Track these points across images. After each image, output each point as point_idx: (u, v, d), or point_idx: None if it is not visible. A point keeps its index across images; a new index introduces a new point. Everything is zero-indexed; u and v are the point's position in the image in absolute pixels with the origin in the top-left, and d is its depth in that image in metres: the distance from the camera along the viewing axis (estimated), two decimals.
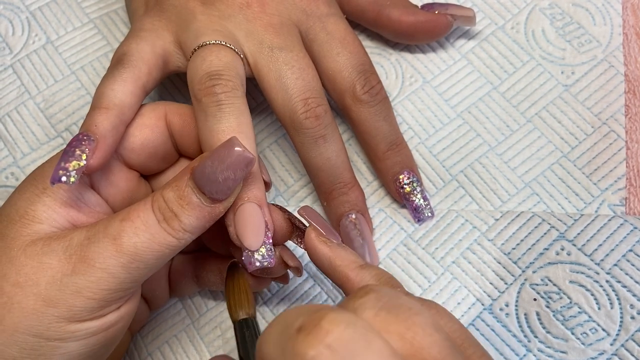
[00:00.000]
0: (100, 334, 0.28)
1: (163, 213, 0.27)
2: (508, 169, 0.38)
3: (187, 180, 0.28)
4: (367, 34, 0.42)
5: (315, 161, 0.34)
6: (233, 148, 0.27)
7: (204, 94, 0.30)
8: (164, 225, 0.27)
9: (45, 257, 0.27)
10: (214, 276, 0.34)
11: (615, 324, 0.33)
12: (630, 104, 0.38)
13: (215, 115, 0.30)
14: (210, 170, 0.27)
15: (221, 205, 0.28)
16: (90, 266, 0.26)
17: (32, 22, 0.44)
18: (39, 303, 0.26)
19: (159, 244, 0.27)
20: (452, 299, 0.35)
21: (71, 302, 0.26)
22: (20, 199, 0.29)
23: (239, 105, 0.30)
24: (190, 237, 0.28)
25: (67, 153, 0.28)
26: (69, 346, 0.27)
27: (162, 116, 0.32)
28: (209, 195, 0.27)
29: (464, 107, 0.39)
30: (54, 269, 0.27)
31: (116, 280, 0.27)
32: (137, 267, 0.27)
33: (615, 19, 0.40)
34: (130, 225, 0.27)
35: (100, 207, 0.30)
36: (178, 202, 0.27)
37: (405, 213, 0.37)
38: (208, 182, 0.27)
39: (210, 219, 0.28)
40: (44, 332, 0.26)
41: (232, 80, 0.31)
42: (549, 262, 0.35)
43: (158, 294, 0.35)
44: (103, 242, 0.27)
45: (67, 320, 0.26)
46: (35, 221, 0.28)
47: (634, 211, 0.36)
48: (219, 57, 0.32)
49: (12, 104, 0.42)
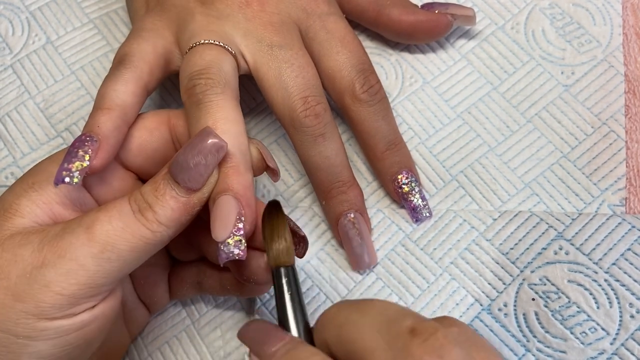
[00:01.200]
0: (72, 335, 0.27)
1: (138, 204, 0.27)
2: (508, 169, 0.38)
3: (164, 174, 0.28)
4: (367, 34, 0.42)
5: (314, 160, 0.34)
6: (205, 135, 0.28)
7: (186, 96, 0.31)
8: (138, 216, 0.27)
9: (20, 250, 0.27)
10: (215, 283, 0.34)
11: (614, 323, 0.33)
12: (630, 104, 0.38)
13: (195, 114, 0.30)
14: (182, 158, 0.27)
15: (195, 196, 0.28)
16: (60, 257, 0.26)
17: (32, 22, 0.44)
18: (8, 297, 0.26)
19: (132, 235, 0.27)
20: (450, 300, 0.35)
21: (39, 298, 0.26)
22: (10, 193, 0.29)
23: (218, 101, 0.30)
24: (166, 230, 0.28)
25: (70, 154, 0.28)
26: (38, 345, 0.26)
27: (164, 121, 0.32)
28: (182, 184, 0.27)
29: (464, 107, 0.39)
30: (25, 262, 0.26)
31: (86, 273, 0.26)
32: (109, 258, 0.27)
33: (615, 19, 0.40)
34: (105, 214, 0.27)
35: (87, 206, 0.30)
36: (153, 193, 0.28)
37: (404, 213, 0.37)
38: (181, 170, 0.27)
39: (185, 211, 0.28)
40: (12, 329, 0.26)
41: (211, 78, 0.31)
42: (547, 262, 0.34)
43: (157, 300, 0.35)
44: (76, 231, 0.27)
45: (35, 317, 0.26)
46: (17, 215, 0.28)
47: (634, 211, 0.35)
48: (202, 57, 0.32)
49: (12, 104, 0.42)
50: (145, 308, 0.35)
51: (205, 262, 0.35)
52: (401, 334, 0.22)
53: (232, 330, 0.36)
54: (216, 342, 0.36)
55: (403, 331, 0.22)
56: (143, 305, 0.35)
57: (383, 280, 0.36)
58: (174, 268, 0.36)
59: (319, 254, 0.37)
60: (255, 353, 0.26)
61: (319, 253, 0.37)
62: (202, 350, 0.36)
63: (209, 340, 0.36)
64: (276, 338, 0.26)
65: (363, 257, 0.35)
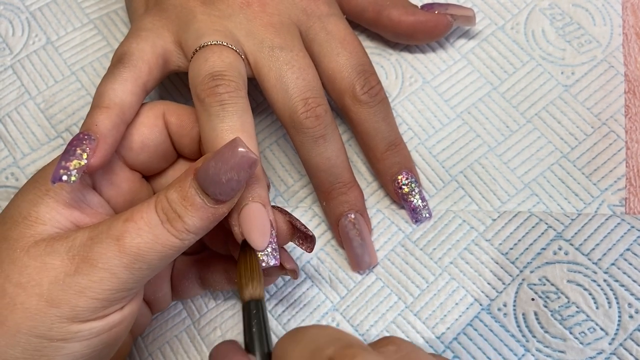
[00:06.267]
0: (104, 335, 0.28)
1: (166, 214, 0.27)
2: (508, 169, 0.38)
3: (190, 181, 0.27)
4: (367, 34, 0.42)
5: (315, 161, 0.34)
6: (237, 149, 0.27)
7: (207, 94, 0.30)
8: (167, 226, 0.27)
9: (48, 258, 0.27)
10: (219, 276, 0.34)
11: (613, 323, 0.33)
12: (630, 104, 0.38)
13: (219, 115, 0.30)
14: (213, 171, 0.27)
15: (225, 206, 0.28)
16: (92, 266, 0.26)
17: (32, 23, 0.44)
18: (41, 303, 0.26)
19: (162, 245, 0.27)
20: (450, 300, 0.35)
21: (74, 302, 0.26)
22: (24, 200, 0.29)
23: (242, 104, 0.30)
24: (194, 238, 0.28)
25: (68, 152, 0.28)
26: (72, 347, 0.27)
27: (160, 115, 0.32)
28: (212, 196, 0.27)
29: (464, 107, 0.39)
30: (56, 270, 0.26)
31: (119, 280, 0.27)
32: (140, 267, 0.27)
33: (615, 19, 0.40)
34: (134, 226, 0.27)
35: (102, 208, 0.30)
36: (181, 203, 0.27)
37: (404, 214, 0.37)
38: (212, 183, 0.27)
39: (213, 219, 0.28)
40: (47, 333, 0.26)
41: (234, 81, 0.31)
42: (546, 262, 0.35)
43: (160, 297, 0.35)
44: (106, 242, 0.27)
45: (69, 320, 0.26)
46: (38, 222, 0.28)
47: (633, 211, 0.36)
48: (221, 58, 0.32)
49: (12, 105, 0.42)
50: (148, 308, 0.35)
51: (208, 257, 0.35)
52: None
53: (232, 330, 0.36)
54: (216, 342, 0.36)
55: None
56: (146, 305, 0.35)
57: (383, 281, 0.36)
58: (176, 264, 0.36)
59: (319, 254, 0.37)
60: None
61: (319, 253, 0.37)
62: (202, 350, 0.36)
63: (209, 340, 0.36)
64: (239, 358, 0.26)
65: (363, 258, 0.35)
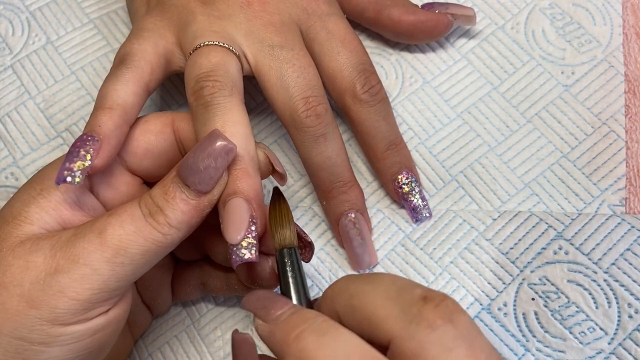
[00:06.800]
0: (86, 340, 0.27)
1: (149, 208, 0.27)
2: (508, 169, 0.38)
3: (172, 177, 0.28)
4: (367, 34, 0.42)
5: (315, 160, 0.34)
6: (214, 138, 0.28)
7: (193, 97, 0.31)
8: (149, 220, 0.27)
9: (31, 256, 0.27)
10: (220, 282, 0.34)
11: (613, 323, 0.33)
12: (630, 104, 0.38)
13: (202, 116, 0.30)
14: (192, 160, 0.27)
15: (205, 198, 0.28)
16: (73, 262, 0.26)
17: (32, 23, 0.44)
18: (22, 304, 0.26)
19: (145, 239, 0.27)
20: None
21: (54, 304, 0.26)
22: (18, 200, 0.29)
23: (226, 103, 0.30)
24: (177, 232, 0.28)
25: (71, 153, 0.28)
26: (53, 351, 0.26)
27: (168, 123, 0.32)
28: (192, 186, 0.27)
29: (464, 107, 0.39)
30: (38, 268, 0.26)
31: (100, 277, 0.26)
32: (122, 262, 0.27)
33: (615, 19, 0.40)
34: (117, 219, 0.27)
35: (95, 211, 0.30)
36: (163, 196, 0.28)
37: (404, 214, 0.37)
38: (191, 173, 0.27)
39: (196, 213, 0.28)
40: (27, 335, 0.26)
41: (219, 80, 0.31)
42: (546, 262, 0.35)
43: (160, 302, 0.35)
44: (88, 236, 0.27)
45: (50, 323, 0.26)
46: (26, 222, 0.28)
47: (634, 211, 0.36)
48: (208, 59, 0.32)
49: (12, 104, 0.42)
50: (147, 310, 0.35)
51: (209, 262, 0.35)
52: (414, 301, 0.23)
53: (232, 330, 0.36)
54: (216, 342, 0.36)
55: (415, 298, 0.23)
56: (146, 307, 0.35)
57: None
58: (177, 270, 0.36)
59: (319, 254, 0.37)
60: (260, 318, 0.26)
61: (319, 253, 0.37)
62: (202, 350, 0.36)
63: (209, 340, 0.36)
64: (281, 303, 0.26)
65: (363, 257, 0.35)
